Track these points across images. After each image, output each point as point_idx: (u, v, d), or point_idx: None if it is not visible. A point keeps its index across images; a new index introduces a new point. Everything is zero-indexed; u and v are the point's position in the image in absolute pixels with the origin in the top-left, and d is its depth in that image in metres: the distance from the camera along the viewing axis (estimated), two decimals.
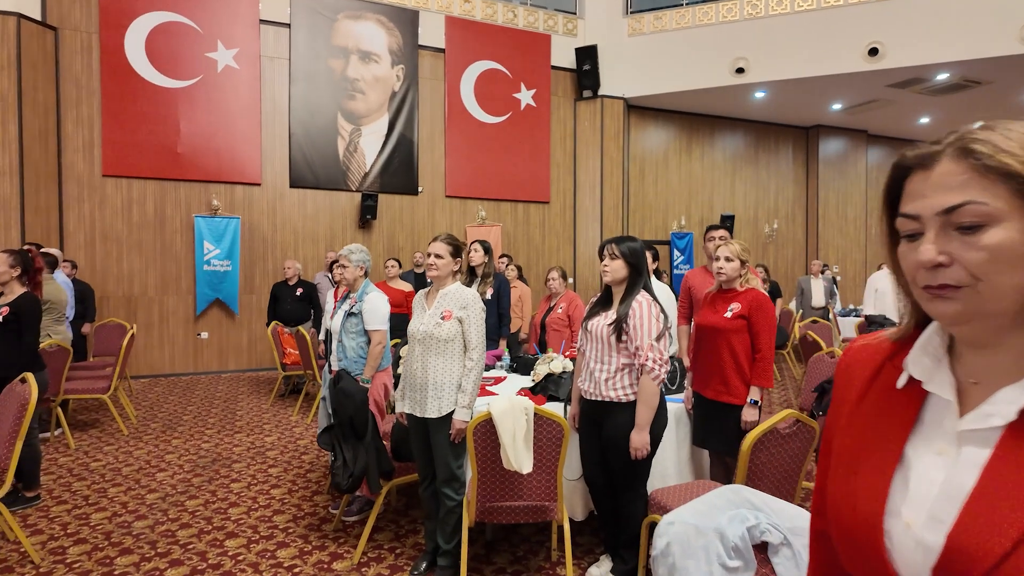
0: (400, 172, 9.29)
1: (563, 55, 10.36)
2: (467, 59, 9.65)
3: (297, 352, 6.43)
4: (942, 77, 9.41)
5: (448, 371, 2.66)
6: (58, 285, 5.12)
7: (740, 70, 9.77)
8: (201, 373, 8.26)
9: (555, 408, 3.06)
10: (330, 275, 7.53)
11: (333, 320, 3.57)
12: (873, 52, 9.04)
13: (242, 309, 8.46)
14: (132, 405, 6.21)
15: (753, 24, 9.69)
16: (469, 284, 4.65)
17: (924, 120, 12.05)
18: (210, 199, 8.23)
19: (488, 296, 4.54)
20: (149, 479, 4.13)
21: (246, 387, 7.42)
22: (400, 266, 5.97)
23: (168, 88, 7.99)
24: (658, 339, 2.44)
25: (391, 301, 5.88)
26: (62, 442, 5.00)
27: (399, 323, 5.74)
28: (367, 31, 9.03)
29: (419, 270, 8.21)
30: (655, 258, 8.92)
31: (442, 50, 9.52)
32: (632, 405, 2.50)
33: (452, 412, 2.65)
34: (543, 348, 4.66)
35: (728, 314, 2.89)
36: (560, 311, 4.65)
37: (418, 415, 2.70)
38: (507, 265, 6.84)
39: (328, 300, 5.60)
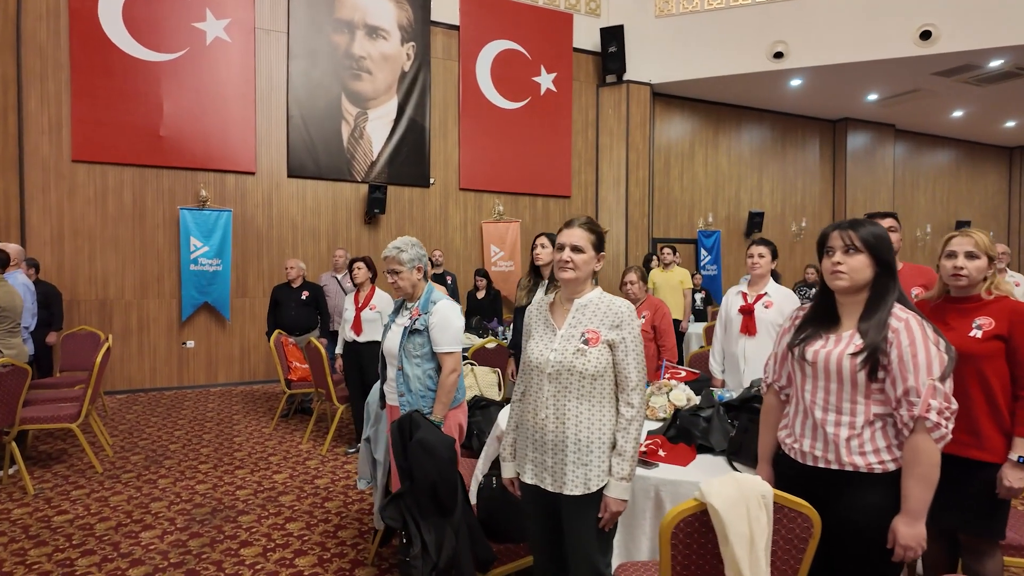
0: (410, 161, 8.36)
1: (585, 37, 9.51)
2: (483, 38, 8.75)
3: (305, 366, 5.49)
4: (995, 64, 8.75)
5: (597, 423, 1.78)
6: (10, 288, 4.12)
7: (779, 55, 9.01)
8: (187, 387, 7.25)
9: (713, 464, 2.20)
10: (338, 276, 6.59)
11: (387, 339, 2.65)
12: (925, 36, 8.34)
13: (234, 314, 7.46)
14: (107, 432, 5.21)
15: (793, 5, 8.93)
16: (534, 288, 3.77)
17: (957, 113, 11.44)
18: (197, 189, 7.22)
19: None
20: (132, 542, 3.17)
21: (241, 404, 6.43)
22: (432, 265, 5.06)
23: (149, 62, 6.97)
24: (942, 379, 1.59)
25: None
26: (18, 484, 4.00)
27: None
28: (374, 4, 8.08)
29: (437, 270, 7.29)
30: (649, 259, 8.15)
31: (456, 27, 8.61)
32: (889, 479, 1.64)
33: (604, 487, 1.77)
34: None
35: (976, 333, 2.04)
36: (643, 320, 3.78)
37: (549, 489, 1.81)
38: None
39: (347, 307, 4.69)
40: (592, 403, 1.78)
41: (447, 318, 2.51)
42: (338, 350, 4.75)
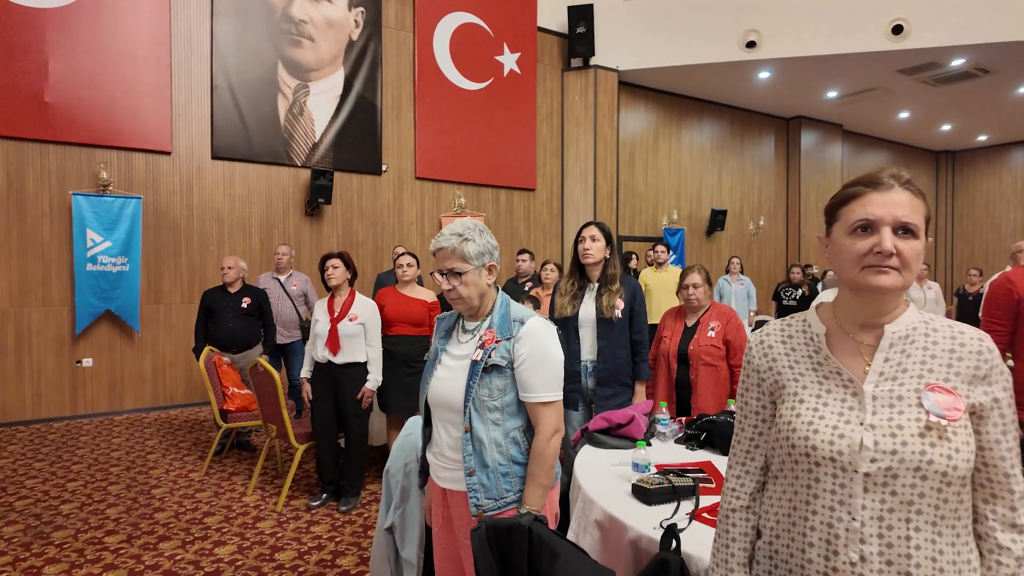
0: (359, 145, 7.26)
1: (549, 15, 8.74)
2: (441, 8, 7.77)
3: (245, 392, 4.36)
4: (957, 63, 8.74)
5: (966, 568, 0.94)
6: None
7: (751, 44, 8.59)
8: (83, 417, 5.83)
9: None
10: (281, 278, 5.46)
11: (436, 380, 1.68)
12: (897, 30, 8.16)
13: (145, 325, 6.11)
14: None
15: None
16: (580, 293, 2.92)
17: (903, 115, 11.58)
18: (96, 170, 5.83)
19: (619, 313, 2.81)
20: None
21: (157, 437, 5.16)
22: (418, 264, 4.10)
23: (29, 8, 5.53)
24: None
25: (407, 319, 4.00)
26: None
27: (413, 354, 3.88)
28: None
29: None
30: (627, 258, 7.41)
31: None
32: None
33: None
34: (681, 395, 3.02)
35: None
36: (712, 334, 3.00)
37: None
38: (544, 265, 5.12)
39: (319, 317, 3.62)
40: (957, 530, 0.94)
41: (544, 346, 1.59)
42: (304, 372, 3.68)
